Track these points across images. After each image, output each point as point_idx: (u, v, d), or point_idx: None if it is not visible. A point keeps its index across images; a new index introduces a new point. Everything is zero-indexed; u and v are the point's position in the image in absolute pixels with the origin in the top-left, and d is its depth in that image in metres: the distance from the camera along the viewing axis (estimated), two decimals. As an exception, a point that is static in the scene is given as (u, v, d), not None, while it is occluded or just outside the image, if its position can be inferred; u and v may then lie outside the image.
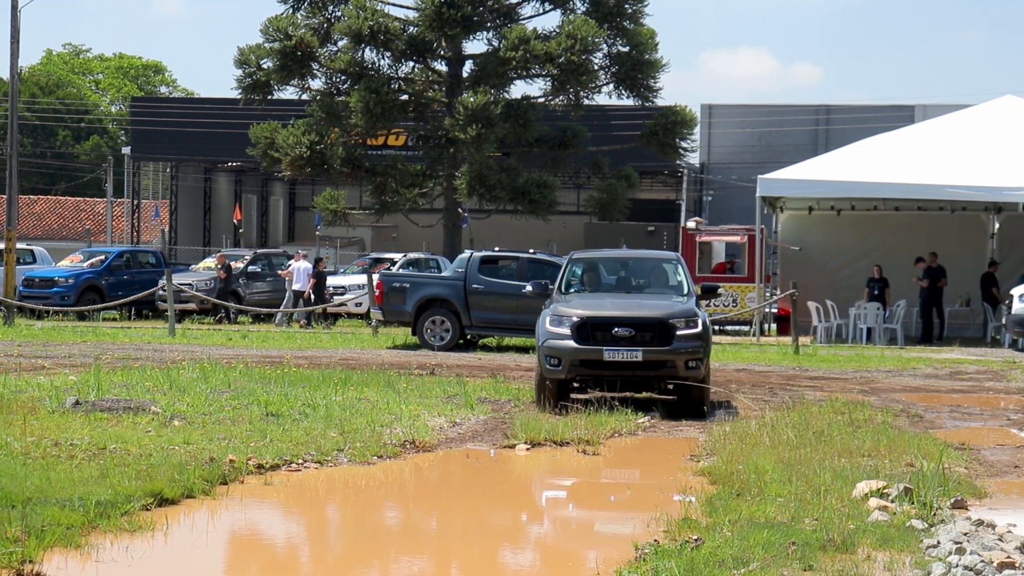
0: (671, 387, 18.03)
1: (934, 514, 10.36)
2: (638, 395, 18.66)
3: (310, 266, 39.04)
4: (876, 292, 34.65)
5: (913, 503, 10.64)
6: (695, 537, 9.52)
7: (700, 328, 17.48)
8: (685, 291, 18.64)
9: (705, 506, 10.88)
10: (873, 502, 10.63)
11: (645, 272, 19.82)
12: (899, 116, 49.21)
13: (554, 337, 17.37)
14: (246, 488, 11.87)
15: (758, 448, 13.55)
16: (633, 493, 12.26)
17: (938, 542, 9.28)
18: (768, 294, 36.61)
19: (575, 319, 17.34)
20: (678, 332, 17.26)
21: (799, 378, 23.17)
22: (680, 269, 19.25)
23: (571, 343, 17.24)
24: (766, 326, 36.24)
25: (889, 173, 33.09)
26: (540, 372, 17.62)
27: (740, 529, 9.71)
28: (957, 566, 8.46)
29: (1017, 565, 8.49)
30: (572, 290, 18.89)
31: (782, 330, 35.59)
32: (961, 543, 9.13)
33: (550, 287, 19.04)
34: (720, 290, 20.08)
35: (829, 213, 37.04)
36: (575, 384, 18.14)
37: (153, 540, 9.77)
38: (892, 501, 10.69)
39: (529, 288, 19.35)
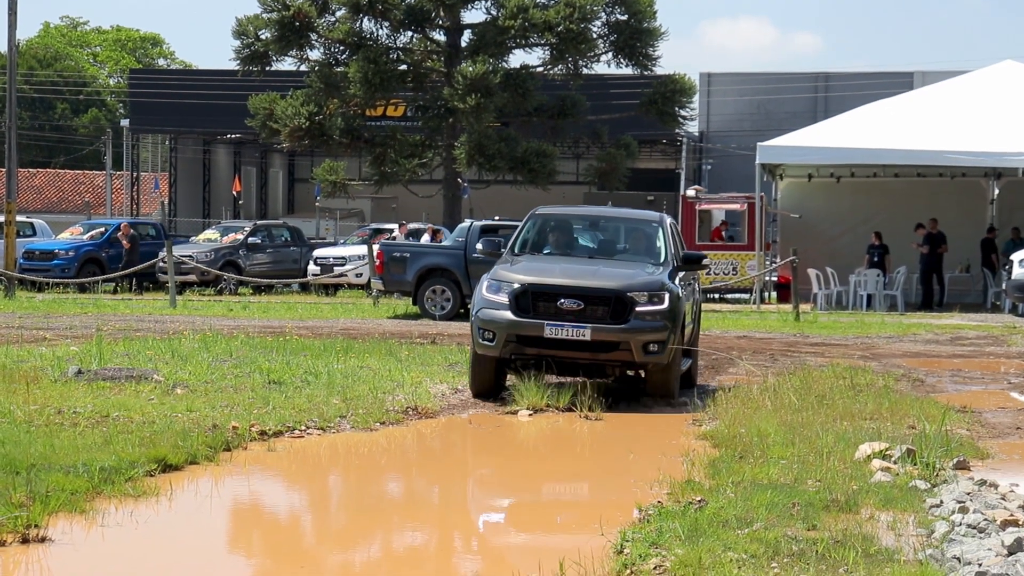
0: (632, 374, 15.68)
1: (937, 475, 10.38)
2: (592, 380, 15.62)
3: (428, 237, 38.83)
4: (876, 259, 34.66)
5: (916, 464, 10.66)
6: (698, 499, 9.54)
7: (666, 304, 14.88)
8: (662, 259, 16.07)
9: (708, 469, 10.90)
10: (876, 463, 10.65)
11: (619, 234, 17.22)
12: (898, 83, 49.17)
13: (490, 306, 14.97)
14: (249, 454, 11.89)
15: (760, 412, 13.58)
16: (636, 457, 12.28)
17: (941, 502, 9.30)
18: (768, 262, 36.62)
19: (516, 285, 14.90)
20: (637, 308, 14.75)
21: (800, 344, 23.19)
22: (662, 233, 16.50)
23: (508, 314, 14.80)
24: (766, 294, 36.25)
25: (888, 139, 33.07)
26: (473, 348, 15.29)
27: (743, 491, 9.72)
28: (960, 524, 8.48)
29: (1020, 523, 8.51)
30: (525, 252, 16.35)
31: (782, 298, 35.62)
32: (964, 502, 9.15)
33: (503, 247, 16.65)
34: (706, 260, 17.24)
35: (828, 180, 37.01)
36: (517, 363, 15.37)
37: (157, 505, 9.78)
38: (895, 462, 10.72)
39: (480, 247, 17.24)
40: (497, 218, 31.30)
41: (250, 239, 42.23)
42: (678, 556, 7.90)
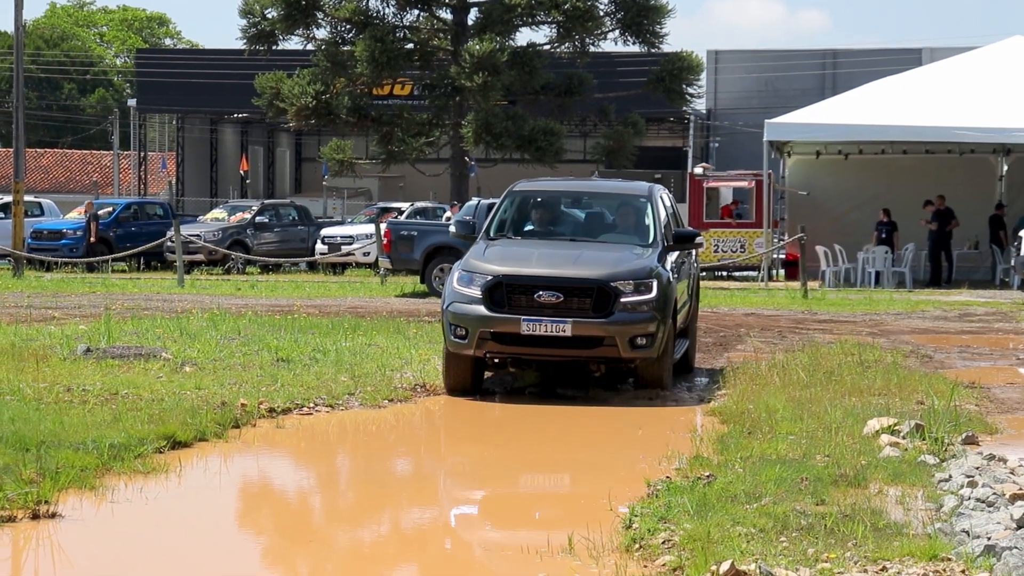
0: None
1: (945, 449, 10.38)
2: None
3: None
4: (884, 236, 34.61)
5: (924, 439, 10.66)
6: (707, 474, 9.55)
7: (655, 293, 13.61)
8: (651, 238, 14.71)
9: (716, 444, 10.91)
10: (884, 439, 10.65)
11: (604, 211, 15.74)
12: (906, 59, 49.02)
13: (461, 300, 13.69)
14: (258, 431, 11.92)
15: (768, 388, 13.58)
16: (644, 432, 12.29)
17: (950, 476, 9.31)
18: (776, 239, 36.58)
19: (489, 277, 13.63)
20: (623, 299, 13.49)
21: (808, 321, 23.18)
22: (651, 208, 15.07)
23: (480, 309, 13.53)
24: (774, 271, 36.23)
25: (897, 116, 32.98)
26: (445, 346, 13.97)
27: (752, 466, 9.74)
28: (969, 498, 8.48)
29: (1029, 497, 8.51)
30: (501, 234, 14.98)
31: (790, 275, 35.57)
32: (973, 476, 9.15)
33: (478, 228, 15.38)
34: (700, 239, 15.47)
35: (837, 157, 36.93)
36: (495, 361, 14.22)
37: (167, 482, 9.81)
38: (903, 438, 10.72)
39: (452, 229, 16.08)
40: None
41: (258, 218, 42.25)
42: (687, 531, 7.92)
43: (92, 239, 39.50)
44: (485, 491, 10.31)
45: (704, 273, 37.00)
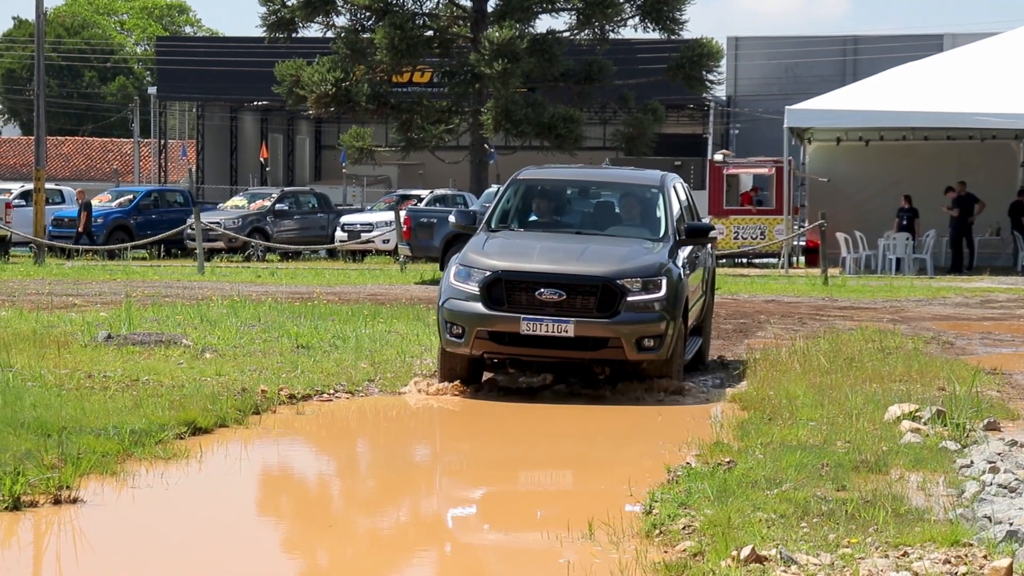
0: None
1: (967, 435, 10.35)
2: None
3: None
4: (905, 222, 34.52)
5: (946, 425, 10.63)
6: (727, 460, 9.54)
7: (664, 291, 12.88)
8: (662, 231, 13.94)
9: (737, 431, 10.89)
10: (905, 424, 10.62)
11: (613, 202, 15.00)
12: (928, 45, 48.84)
13: (458, 296, 12.96)
14: (278, 417, 11.93)
15: (789, 374, 13.55)
16: (664, 419, 12.28)
17: (972, 462, 9.28)
18: (796, 226, 36.51)
19: (487, 273, 12.89)
20: (630, 298, 12.74)
21: (828, 308, 23.13)
22: (662, 200, 14.27)
23: (478, 306, 12.81)
24: (794, 258, 36.15)
25: (918, 102, 32.86)
26: (440, 345, 13.33)
27: (772, 452, 9.72)
28: (991, 484, 8.45)
29: (1051, 483, 8.48)
30: (503, 226, 14.22)
31: (810, 262, 35.47)
32: (995, 462, 9.12)
33: (479, 219, 14.51)
34: (715, 233, 14.81)
35: (857, 144, 36.82)
36: (493, 362, 13.65)
37: (187, 467, 9.83)
38: (924, 423, 10.69)
39: (452, 219, 14.92)
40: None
41: (277, 206, 42.32)
42: (707, 516, 7.91)
43: (79, 229, 39.50)
44: (504, 478, 10.30)
45: (724, 260, 37.08)
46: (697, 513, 8.06)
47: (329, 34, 42.75)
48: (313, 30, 42.87)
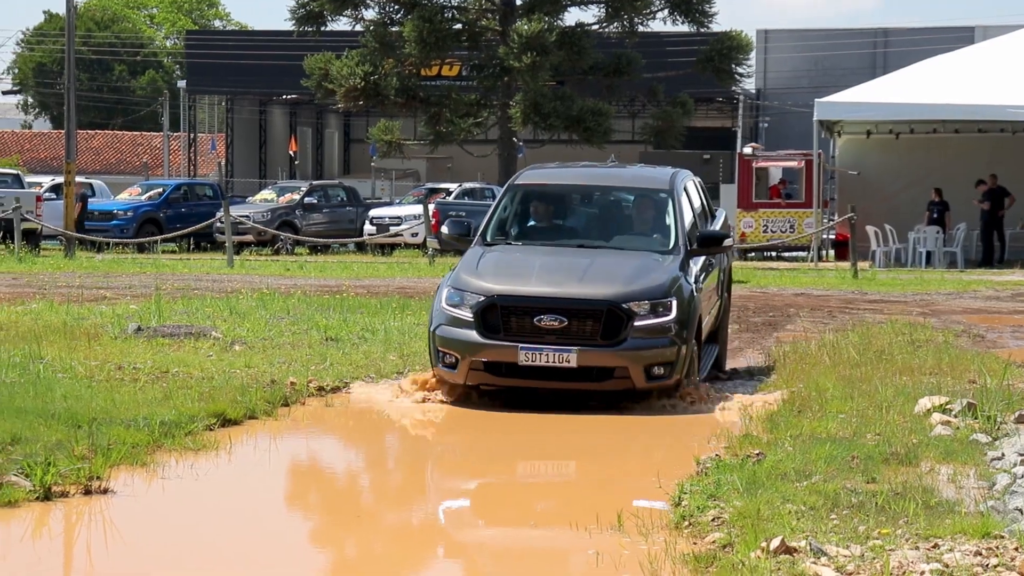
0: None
1: (998, 428, 10.29)
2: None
3: None
4: (936, 215, 34.39)
5: (976, 418, 10.57)
6: (756, 452, 9.51)
7: (674, 313, 11.91)
8: (672, 242, 12.86)
9: (766, 423, 10.86)
10: (936, 417, 10.58)
11: (619, 209, 13.85)
12: (958, 37, 48.59)
13: (450, 322, 11.97)
14: (307, 409, 11.95)
15: (818, 367, 13.50)
16: (690, 414, 12.23)
17: (1003, 454, 9.24)
18: (826, 219, 36.41)
19: (481, 298, 11.88)
20: (637, 322, 11.76)
21: (858, 301, 23.06)
22: (672, 206, 13.14)
23: (472, 334, 11.81)
24: (824, 251, 36.06)
25: (949, 94, 32.73)
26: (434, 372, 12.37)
27: (802, 444, 9.69)
28: (1022, 477, 8.41)
29: (1083, 476, 8.44)
30: (500, 238, 13.19)
31: (840, 255, 35.39)
32: (1026, 455, 9.08)
33: (473, 230, 13.36)
34: (729, 241, 13.50)
35: (887, 136, 36.69)
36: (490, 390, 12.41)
37: (217, 459, 9.85)
38: (955, 416, 10.64)
39: (444, 230, 13.63)
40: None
41: (306, 199, 42.42)
42: (736, 508, 7.89)
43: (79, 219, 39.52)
44: (532, 469, 10.30)
45: (752, 253, 37.04)
46: (726, 505, 8.04)
47: (358, 27, 42.83)
48: (342, 23, 42.99)
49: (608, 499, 8.76)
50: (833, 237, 36.77)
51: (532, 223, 13.58)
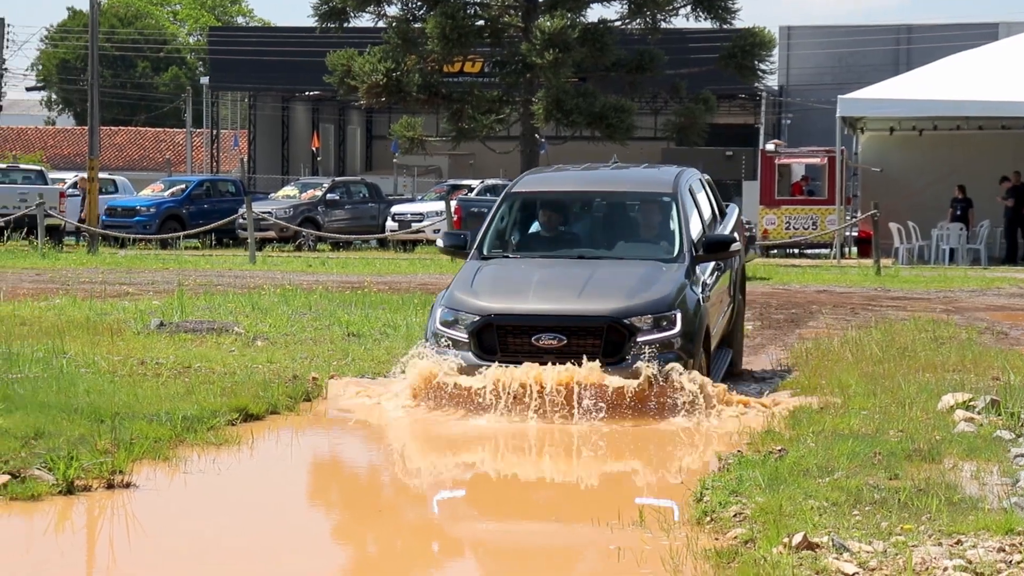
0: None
1: (1021, 425, 10.25)
2: None
3: None
4: (959, 212, 34.29)
5: (1000, 415, 10.54)
6: (779, 448, 9.50)
7: (680, 326, 11.41)
8: (676, 249, 12.37)
9: (788, 419, 10.84)
10: (959, 414, 10.55)
11: (621, 216, 13.26)
12: (982, 34, 48.36)
13: (445, 343, 11.59)
14: (329, 404, 11.96)
15: (841, 363, 13.48)
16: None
17: (1026, 451, 9.21)
18: (849, 216, 36.32)
19: (476, 318, 11.45)
20: (640, 338, 11.29)
21: (881, 298, 23.00)
22: (676, 210, 12.66)
23: (468, 355, 11.41)
24: (847, 248, 35.97)
25: (972, 91, 32.63)
26: None
27: (824, 440, 9.67)
28: (1046, 474, 8.39)
29: (1107, 473, 8.40)
30: (498, 250, 12.76)
31: (863, 252, 35.30)
32: (1049, 452, 9.05)
33: (469, 243, 12.94)
34: (736, 245, 12.81)
35: (911, 133, 36.59)
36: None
37: (239, 453, 9.88)
38: (978, 413, 10.61)
39: (440, 244, 13.50)
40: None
41: (328, 196, 42.45)
42: (758, 504, 7.88)
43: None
44: (553, 464, 10.29)
45: (775, 250, 36.96)
46: (748, 501, 8.02)
47: (380, 24, 42.81)
48: (365, 20, 42.96)
49: (627, 496, 8.76)
50: (856, 234, 36.68)
51: (530, 233, 13.08)
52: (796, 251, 38.04)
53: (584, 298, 11.53)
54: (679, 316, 11.44)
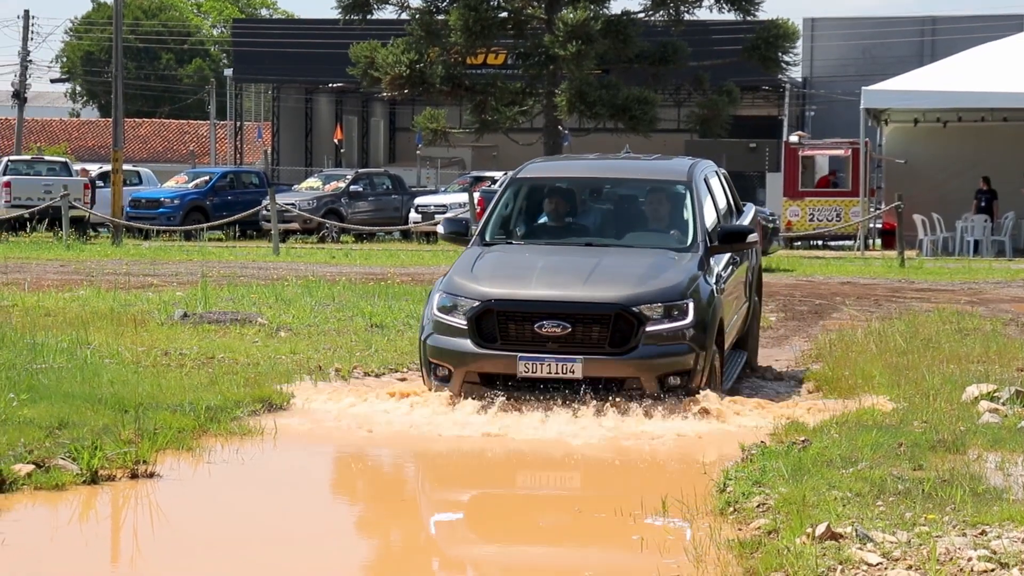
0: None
1: (1046, 416, 10.22)
2: None
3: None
4: (983, 204, 34.17)
5: (1024, 406, 10.51)
6: (802, 439, 9.48)
7: (692, 317, 10.81)
8: (690, 238, 11.73)
9: (811, 410, 10.83)
10: (983, 405, 10.51)
11: (632, 204, 12.67)
12: (1007, 25, 48.16)
13: (443, 331, 10.98)
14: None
15: (865, 354, 13.44)
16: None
17: (1051, 442, 9.17)
18: (873, 208, 36.24)
19: (475, 303, 10.83)
20: (649, 327, 10.67)
21: (905, 290, 22.94)
22: (691, 199, 12.01)
23: (467, 343, 10.80)
24: (871, 240, 35.89)
25: (997, 83, 32.51)
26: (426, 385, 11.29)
27: (848, 431, 9.65)
28: (1071, 465, 8.36)
29: None
30: (501, 236, 12.14)
31: (887, 244, 35.21)
32: (1074, 443, 9.01)
33: (472, 229, 12.40)
34: (753, 237, 12.18)
35: (935, 125, 36.47)
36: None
37: (263, 443, 9.90)
38: (1003, 404, 10.57)
39: (441, 230, 12.98)
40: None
41: (352, 187, 42.50)
42: (781, 494, 7.87)
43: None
44: (576, 457, 10.28)
45: (799, 242, 36.88)
46: (772, 491, 8.01)
47: (404, 16, 42.81)
48: (388, 12, 42.95)
49: (654, 485, 8.75)
50: (880, 226, 36.58)
51: (536, 220, 12.39)
52: (820, 243, 37.94)
53: (591, 284, 10.91)
54: (691, 306, 10.84)
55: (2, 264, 25.06)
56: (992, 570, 6.44)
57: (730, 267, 12.16)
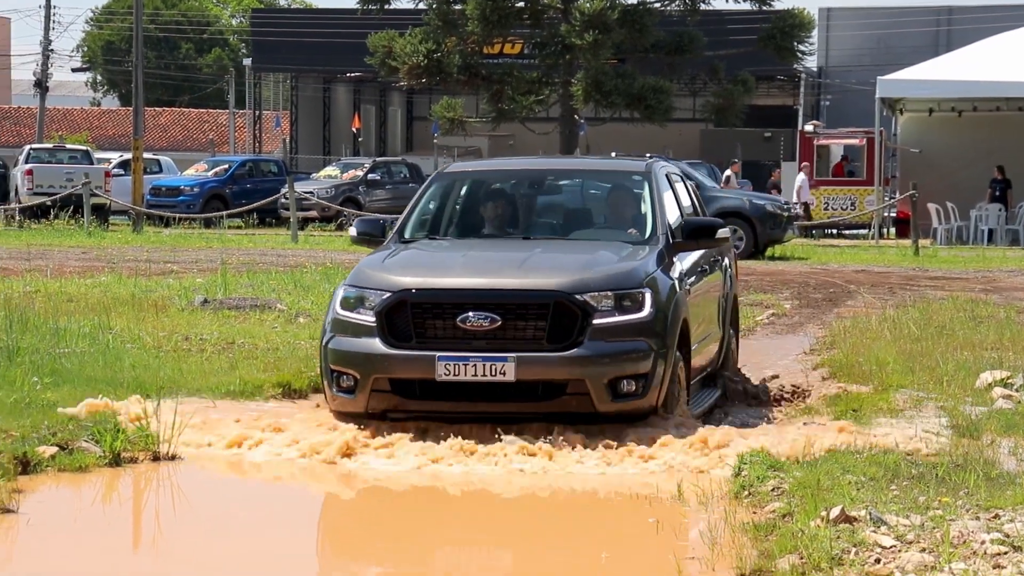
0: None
1: (1059, 402, 10.29)
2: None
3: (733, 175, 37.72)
4: (998, 193, 34.18)
5: (1038, 392, 10.57)
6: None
7: (648, 310, 9.05)
8: (648, 231, 10.02)
9: (828, 402, 10.90)
10: (997, 391, 10.58)
11: (580, 197, 11.18)
12: (1023, 15, 48.13)
13: (346, 331, 9.24)
14: (371, 380, 12.04)
15: (879, 341, 13.49)
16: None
17: (1063, 428, 9.24)
18: (887, 197, 36.26)
19: (386, 295, 9.10)
20: (596, 320, 8.94)
21: (919, 278, 22.99)
22: (649, 191, 10.27)
23: (375, 343, 9.05)
24: (885, 229, 35.91)
25: (1012, 72, 32.52)
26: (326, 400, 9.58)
27: (862, 417, 9.73)
28: (1082, 450, 8.43)
29: None
30: (422, 234, 10.37)
31: (901, 233, 35.25)
32: (1086, 429, 9.08)
33: (388, 229, 10.45)
34: (724, 232, 10.34)
35: (950, 115, 36.46)
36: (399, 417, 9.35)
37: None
38: (1017, 390, 10.64)
39: (352, 231, 10.71)
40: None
41: (370, 176, 42.63)
42: (796, 478, 7.95)
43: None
44: (589, 441, 10.35)
45: (814, 231, 36.90)
46: (786, 475, 8.09)
47: (421, 5, 42.89)
48: (405, 1, 43.09)
49: (668, 468, 8.82)
50: (894, 215, 36.61)
51: (465, 217, 10.62)
52: (835, 231, 37.97)
53: (526, 270, 9.25)
54: (648, 296, 9.12)
55: (25, 250, 25.21)
56: (1005, 552, 6.50)
57: (699, 275, 10.41)
